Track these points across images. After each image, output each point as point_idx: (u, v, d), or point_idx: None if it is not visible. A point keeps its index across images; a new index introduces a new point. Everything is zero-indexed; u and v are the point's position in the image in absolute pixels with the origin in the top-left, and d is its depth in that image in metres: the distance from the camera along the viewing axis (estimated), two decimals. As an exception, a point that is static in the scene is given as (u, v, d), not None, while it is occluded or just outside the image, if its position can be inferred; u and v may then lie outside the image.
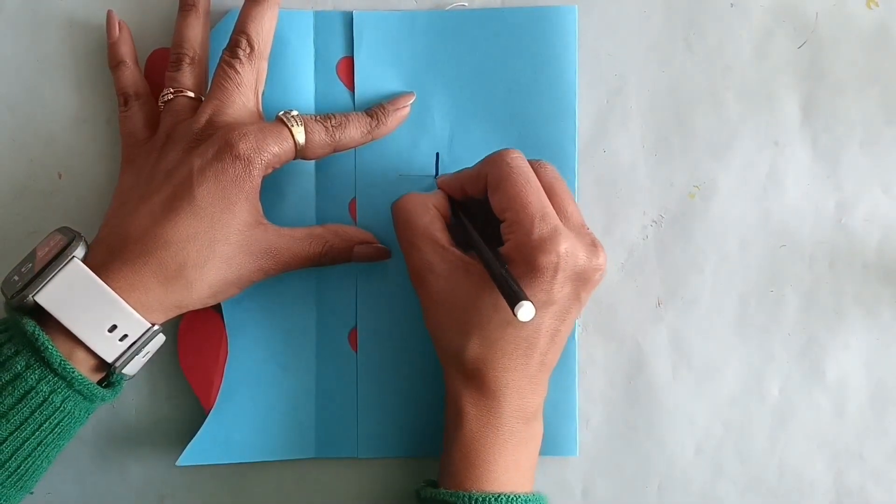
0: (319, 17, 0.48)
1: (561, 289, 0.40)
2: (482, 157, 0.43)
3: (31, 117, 0.47)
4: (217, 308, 0.47)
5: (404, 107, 0.47)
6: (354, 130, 0.45)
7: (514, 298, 0.37)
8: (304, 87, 0.47)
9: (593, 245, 0.41)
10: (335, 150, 0.45)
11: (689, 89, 0.48)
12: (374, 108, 0.46)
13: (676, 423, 0.48)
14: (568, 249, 0.40)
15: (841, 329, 0.49)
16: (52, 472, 0.47)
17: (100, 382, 0.42)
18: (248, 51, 0.44)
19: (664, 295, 0.48)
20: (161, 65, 0.47)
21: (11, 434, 0.39)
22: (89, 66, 0.48)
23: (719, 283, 0.48)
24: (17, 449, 0.39)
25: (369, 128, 0.45)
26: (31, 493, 0.42)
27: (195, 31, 0.46)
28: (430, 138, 0.48)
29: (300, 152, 0.44)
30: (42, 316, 0.40)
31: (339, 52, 0.47)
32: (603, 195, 0.48)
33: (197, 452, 0.46)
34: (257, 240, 0.43)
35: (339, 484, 0.48)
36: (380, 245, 0.46)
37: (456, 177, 0.45)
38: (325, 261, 0.45)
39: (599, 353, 0.48)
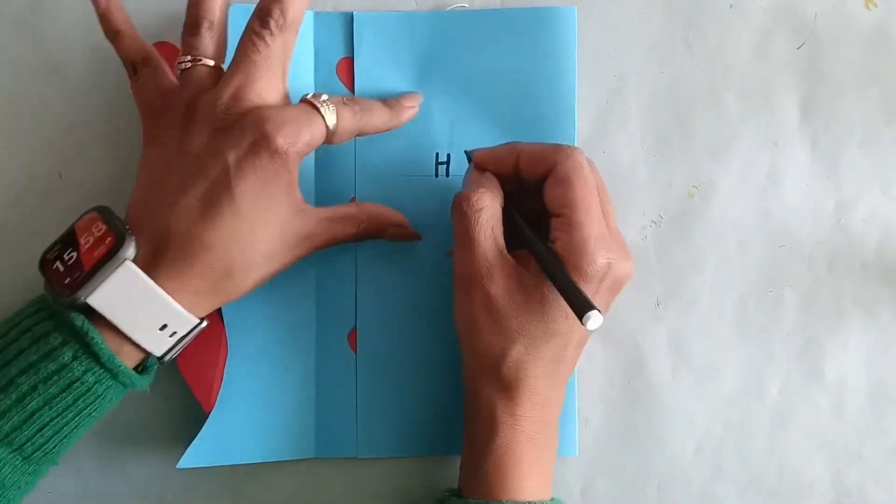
0: (319, 17, 0.48)
1: (600, 297, 0.41)
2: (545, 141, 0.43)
3: (32, 118, 0.47)
4: (217, 309, 0.47)
5: (413, 107, 0.46)
6: (378, 118, 0.44)
7: (584, 308, 0.37)
8: (304, 88, 0.47)
9: (626, 253, 0.42)
10: (357, 136, 0.44)
11: (688, 90, 0.48)
12: (391, 101, 0.46)
13: (676, 423, 0.49)
14: (614, 260, 0.40)
15: (840, 329, 0.49)
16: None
17: (135, 368, 0.42)
18: (279, 21, 0.41)
19: (663, 295, 0.48)
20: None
21: (53, 420, 0.39)
22: (90, 67, 0.48)
23: (719, 284, 0.49)
24: (57, 432, 0.39)
25: (389, 118, 0.45)
26: (57, 465, 0.42)
27: None
28: (430, 138, 0.48)
29: (330, 138, 0.42)
30: (85, 309, 0.39)
31: (339, 53, 0.47)
32: (603, 195, 0.48)
33: (197, 455, 0.46)
34: (297, 228, 0.42)
35: (339, 484, 0.48)
36: (411, 231, 0.46)
37: (513, 150, 0.43)
38: (357, 239, 0.45)
39: (599, 353, 0.48)
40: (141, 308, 0.39)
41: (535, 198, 0.43)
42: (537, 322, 0.41)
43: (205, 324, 0.41)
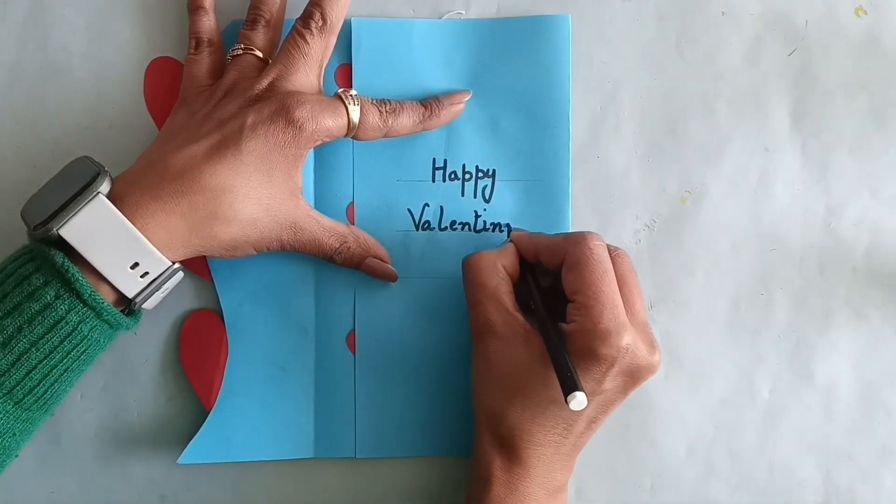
0: (318, 24, 0.48)
1: (612, 381, 0.41)
2: (563, 232, 0.45)
3: (35, 123, 0.48)
4: (218, 310, 0.48)
5: (459, 103, 0.47)
6: (407, 119, 0.46)
7: (570, 386, 0.38)
8: (303, 94, 0.48)
9: (652, 345, 0.42)
10: (386, 136, 0.46)
11: (680, 96, 0.49)
12: (430, 100, 0.47)
13: (668, 423, 0.49)
14: (629, 345, 0.40)
15: (830, 331, 0.49)
16: (55, 472, 0.48)
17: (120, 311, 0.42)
18: (320, 24, 0.44)
19: (656, 298, 0.49)
20: (161, 74, 0.48)
21: (41, 362, 0.40)
22: (92, 73, 0.48)
23: (711, 286, 0.49)
24: (46, 375, 0.40)
25: (421, 118, 0.46)
26: (53, 415, 0.43)
27: None
28: (427, 144, 0.48)
29: (352, 131, 0.44)
30: (64, 248, 0.40)
31: (337, 59, 0.48)
32: (596, 200, 0.49)
33: (197, 451, 0.47)
34: (286, 211, 0.43)
35: (337, 483, 0.49)
36: (390, 267, 0.47)
37: (532, 240, 0.45)
38: (337, 259, 0.46)
39: (593, 354, 0.49)
40: (112, 243, 0.40)
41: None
42: (537, 387, 0.41)
43: (180, 272, 0.42)
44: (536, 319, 0.42)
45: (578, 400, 0.38)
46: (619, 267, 0.42)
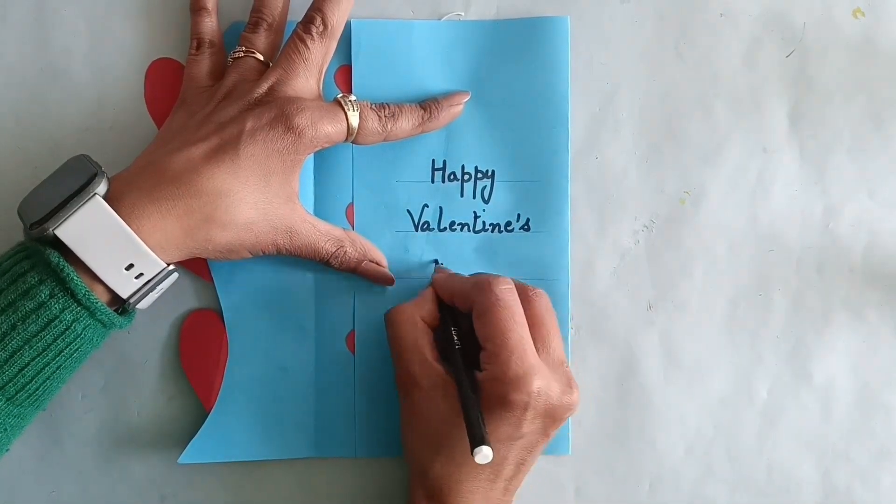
0: (318, 26, 0.49)
1: (530, 424, 0.41)
2: (474, 273, 0.45)
3: (36, 125, 0.48)
4: (218, 310, 0.48)
5: (458, 104, 0.47)
6: (406, 122, 0.46)
7: (475, 440, 0.38)
8: (302, 95, 0.48)
9: (568, 384, 0.42)
10: (385, 140, 0.46)
11: (679, 97, 0.49)
12: (428, 102, 0.47)
13: (667, 423, 0.49)
14: (540, 388, 0.41)
15: (828, 332, 0.50)
16: (56, 472, 0.48)
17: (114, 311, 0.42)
18: (321, 29, 0.45)
19: (655, 298, 0.49)
20: (162, 76, 0.48)
21: (33, 359, 0.40)
22: (93, 74, 0.48)
23: (709, 287, 0.49)
24: (38, 372, 0.40)
25: (421, 120, 0.46)
26: (44, 410, 0.43)
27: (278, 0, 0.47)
28: (426, 145, 0.48)
29: (351, 136, 0.45)
30: (59, 247, 0.40)
31: (337, 61, 0.48)
32: (595, 201, 0.49)
33: (198, 451, 0.47)
34: (282, 216, 0.44)
35: (336, 483, 0.49)
36: (387, 271, 0.47)
37: (450, 282, 0.45)
38: (334, 263, 0.46)
39: (592, 355, 0.49)
40: (108, 245, 0.40)
41: None
42: (460, 436, 0.41)
43: (175, 273, 0.42)
44: (453, 368, 0.43)
45: (483, 454, 0.38)
46: (536, 307, 0.43)
